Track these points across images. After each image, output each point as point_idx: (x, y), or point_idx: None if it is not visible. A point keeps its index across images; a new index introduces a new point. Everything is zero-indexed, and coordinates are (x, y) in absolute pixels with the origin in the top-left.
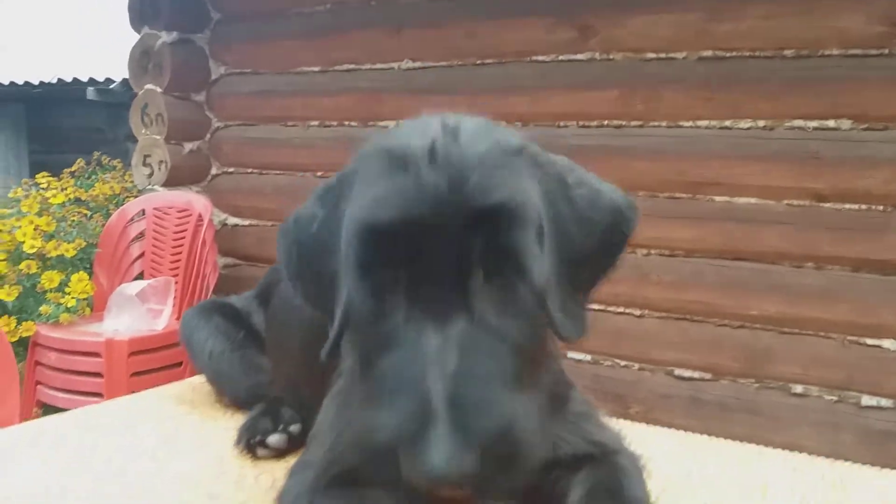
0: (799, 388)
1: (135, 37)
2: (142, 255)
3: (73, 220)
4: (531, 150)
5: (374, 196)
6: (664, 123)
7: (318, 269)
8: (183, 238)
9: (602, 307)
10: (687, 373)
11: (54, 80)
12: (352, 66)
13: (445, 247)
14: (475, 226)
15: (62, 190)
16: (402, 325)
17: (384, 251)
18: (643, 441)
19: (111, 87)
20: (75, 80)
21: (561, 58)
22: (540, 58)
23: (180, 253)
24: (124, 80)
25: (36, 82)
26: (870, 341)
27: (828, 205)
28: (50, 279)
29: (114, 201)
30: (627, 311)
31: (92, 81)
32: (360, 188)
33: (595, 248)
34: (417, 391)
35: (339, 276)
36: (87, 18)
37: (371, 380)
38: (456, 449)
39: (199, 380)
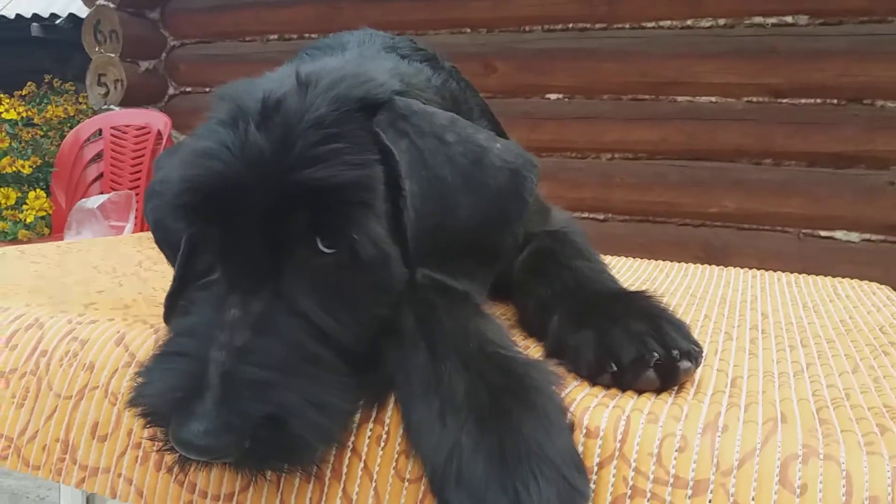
0: None
1: None
2: (100, 175)
3: (28, 139)
4: (398, 106)
5: (196, 150)
6: (627, 25)
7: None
8: (142, 157)
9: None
10: None
11: None
12: None
13: (263, 218)
14: (295, 200)
15: (13, 108)
16: (207, 292)
17: (198, 212)
18: None
19: (57, 22)
20: (18, 16)
21: None
22: None
23: (140, 172)
24: (70, 16)
25: None
26: (823, 233)
27: (785, 100)
28: (6, 196)
29: (68, 124)
30: (591, 215)
31: (36, 18)
32: (193, 139)
33: (487, 212)
34: (197, 359)
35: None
36: None
37: (166, 337)
38: (216, 426)
39: None
